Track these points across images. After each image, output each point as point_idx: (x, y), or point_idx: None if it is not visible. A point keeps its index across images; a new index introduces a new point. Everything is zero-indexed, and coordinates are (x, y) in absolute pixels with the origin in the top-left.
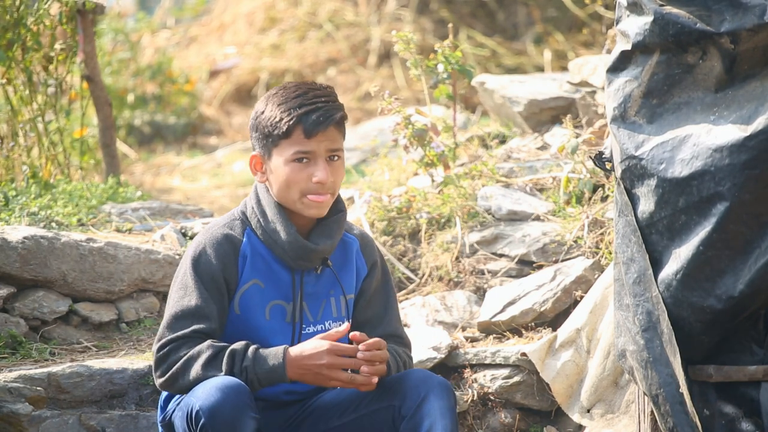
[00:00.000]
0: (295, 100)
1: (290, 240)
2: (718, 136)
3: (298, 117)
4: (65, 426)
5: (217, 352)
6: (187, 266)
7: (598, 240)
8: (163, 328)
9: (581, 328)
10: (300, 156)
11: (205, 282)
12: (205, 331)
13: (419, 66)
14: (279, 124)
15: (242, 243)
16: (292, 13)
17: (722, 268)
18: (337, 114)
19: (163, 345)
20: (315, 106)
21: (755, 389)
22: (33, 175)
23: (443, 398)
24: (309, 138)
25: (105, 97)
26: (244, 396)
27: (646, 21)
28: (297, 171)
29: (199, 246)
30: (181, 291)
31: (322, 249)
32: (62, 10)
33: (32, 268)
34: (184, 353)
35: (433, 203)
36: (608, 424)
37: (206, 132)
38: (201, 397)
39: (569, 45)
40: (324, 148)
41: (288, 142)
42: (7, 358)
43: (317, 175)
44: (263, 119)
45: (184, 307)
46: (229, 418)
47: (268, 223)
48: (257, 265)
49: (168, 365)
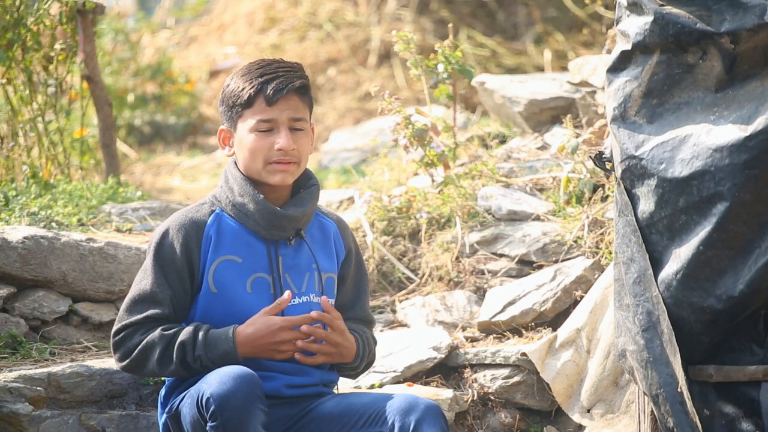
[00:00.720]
0: (257, 71)
1: (259, 208)
2: (718, 136)
3: (259, 85)
4: (65, 426)
5: (168, 342)
6: (151, 251)
7: (598, 240)
8: (122, 311)
9: (581, 328)
10: (262, 125)
11: (165, 266)
12: (157, 316)
13: (419, 66)
14: (241, 93)
15: (206, 224)
16: (292, 13)
17: (722, 268)
18: (298, 81)
19: (119, 329)
20: (276, 74)
21: (755, 389)
22: (33, 175)
23: (436, 426)
24: (270, 105)
25: (105, 97)
26: (256, 387)
27: (646, 21)
28: (260, 139)
29: (162, 230)
30: (141, 273)
31: (292, 215)
32: (62, 10)
33: (32, 268)
34: (138, 341)
35: (433, 203)
36: (608, 424)
37: (206, 132)
38: (213, 384)
39: (569, 45)
40: (286, 117)
41: (250, 111)
42: (7, 358)
43: (279, 142)
44: (227, 92)
45: (140, 291)
46: (239, 406)
47: (236, 197)
48: (229, 242)
49: (125, 351)
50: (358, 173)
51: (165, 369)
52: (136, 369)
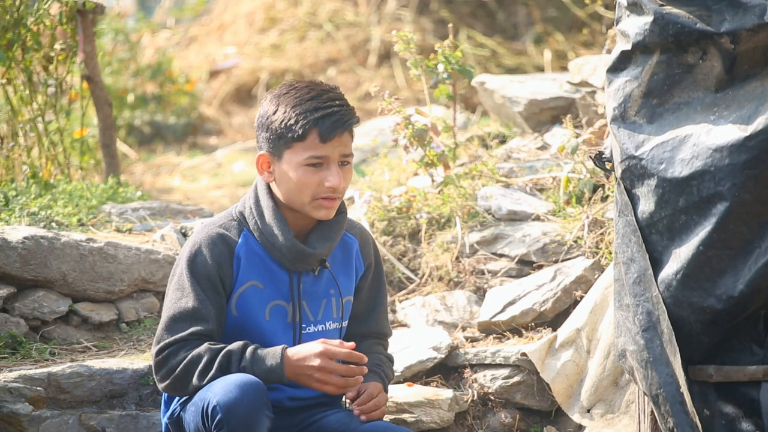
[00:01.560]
0: (309, 103)
1: (287, 244)
2: (718, 136)
3: (314, 121)
4: (65, 426)
5: (213, 357)
6: (183, 266)
7: (598, 240)
8: (162, 331)
9: (581, 328)
10: (314, 161)
11: (202, 282)
12: (202, 332)
13: (419, 66)
14: (294, 126)
15: (237, 244)
16: (292, 13)
17: (722, 268)
18: (353, 120)
19: (161, 348)
20: (331, 110)
21: (755, 389)
22: (33, 175)
23: None
24: (324, 142)
25: (105, 97)
26: (262, 394)
27: (646, 21)
28: (310, 175)
29: (194, 245)
30: (178, 292)
31: (320, 253)
32: (62, 10)
33: (32, 268)
34: (183, 357)
35: (433, 203)
36: (608, 424)
37: (206, 132)
38: (219, 392)
39: (569, 45)
40: (338, 153)
41: (302, 145)
42: (7, 358)
43: (330, 180)
44: (275, 120)
45: (181, 308)
46: (245, 414)
47: (266, 225)
48: (254, 266)
49: (168, 370)
50: (358, 173)
51: (203, 379)
52: (179, 386)
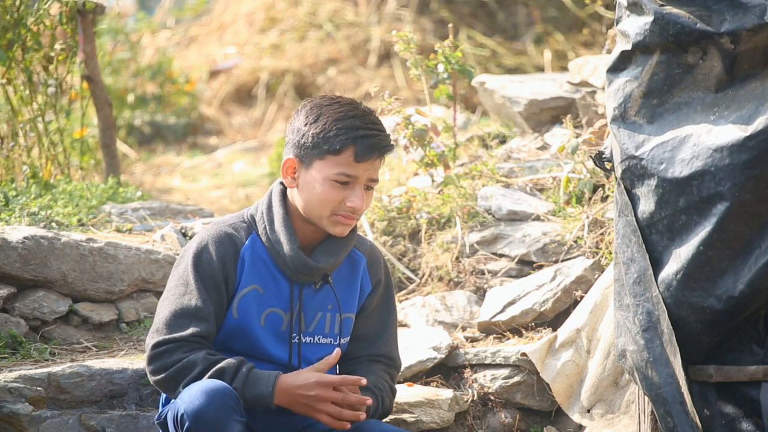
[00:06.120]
0: (352, 120)
1: (292, 255)
2: (719, 136)
3: (354, 139)
4: (65, 426)
5: (209, 365)
6: (189, 262)
7: (598, 240)
8: (162, 324)
9: (581, 328)
10: (343, 178)
11: (205, 280)
12: (202, 334)
13: (419, 66)
14: (333, 139)
15: (243, 246)
16: (292, 13)
17: (722, 268)
18: (389, 147)
19: (160, 342)
20: (372, 132)
21: (755, 389)
22: (33, 175)
23: None
24: (357, 162)
25: (105, 97)
26: (229, 399)
27: (646, 21)
28: (335, 191)
29: (202, 242)
30: (182, 287)
31: (323, 267)
32: (62, 10)
33: (32, 268)
34: (179, 358)
35: (433, 203)
36: (608, 424)
37: (206, 132)
38: (186, 400)
39: (569, 45)
40: (366, 176)
41: (336, 159)
42: (7, 358)
43: (353, 200)
44: (314, 128)
45: (183, 305)
46: (212, 421)
47: (274, 233)
48: (257, 271)
49: (161, 366)
50: None
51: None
52: (168, 384)
